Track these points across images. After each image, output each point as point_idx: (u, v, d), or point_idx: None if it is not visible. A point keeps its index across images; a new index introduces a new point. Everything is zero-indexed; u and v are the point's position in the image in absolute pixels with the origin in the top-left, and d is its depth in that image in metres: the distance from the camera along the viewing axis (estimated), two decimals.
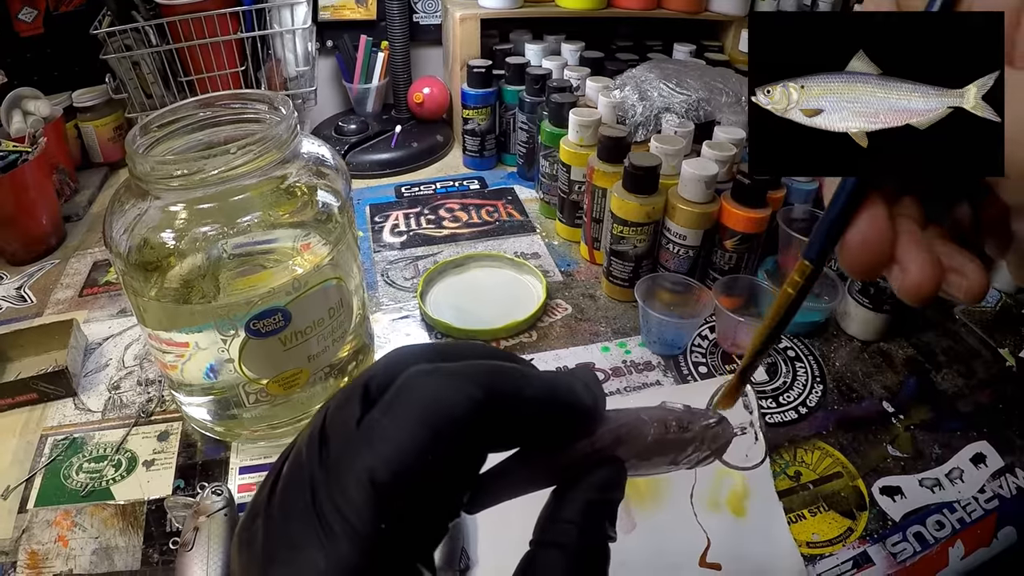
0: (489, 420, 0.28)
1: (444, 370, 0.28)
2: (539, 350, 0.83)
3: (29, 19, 1.19)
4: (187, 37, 1.09)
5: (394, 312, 0.90)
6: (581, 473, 0.33)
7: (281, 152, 0.58)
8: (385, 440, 0.26)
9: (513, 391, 0.29)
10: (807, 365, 0.83)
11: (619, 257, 0.87)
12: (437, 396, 0.27)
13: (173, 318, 0.61)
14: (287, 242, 0.63)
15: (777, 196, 0.86)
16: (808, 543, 0.63)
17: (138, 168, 0.55)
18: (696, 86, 0.99)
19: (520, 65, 1.16)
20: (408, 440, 0.26)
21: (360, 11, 1.34)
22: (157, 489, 0.67)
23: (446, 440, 0.26)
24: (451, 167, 1.30)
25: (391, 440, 0.26)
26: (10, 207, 0.97)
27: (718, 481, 0.68)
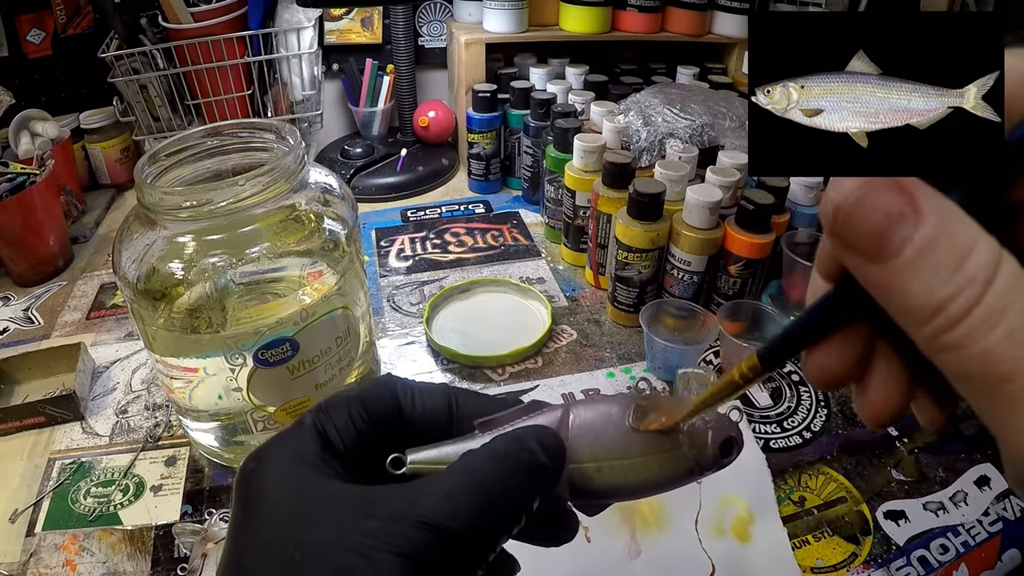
0: None
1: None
2: (544, 376, 0.84)
3: (37, 41, 1.20)
4: (194, 61, 1.10)
5: (400, 338, 0.90)
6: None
7: (289, 183, 0.59)
8: None
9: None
10: (811, 390, 0.83)
11: (624, 283, 0.88)
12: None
13: (181, 345, 0.61)
14: (295, 271, 0.63)
15: (781, 221, 0.87)
16: (813, 568, 0.63)
17: (147, 198, 0.56)
18: (700, 111, 0.99)
19: (525, 89, 1.17)
20: None
21: (366, 35, 1.35)
22: (165, 514, 0.67)
23: None
24: (456, 191, 1.30)
25: None
26: (18, 228, 0.97)
27: (723, 507, 0.68)
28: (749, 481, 0.70)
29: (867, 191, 0.22)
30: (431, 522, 0.29)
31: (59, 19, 1.21)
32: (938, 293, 0.21)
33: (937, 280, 0.21)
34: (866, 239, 0.22)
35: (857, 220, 0.22)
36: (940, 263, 0.21)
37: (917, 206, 0.21)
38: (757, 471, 0.71)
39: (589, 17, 1.22)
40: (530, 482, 0.33)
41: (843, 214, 0.22)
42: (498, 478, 0.32)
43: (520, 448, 0.33)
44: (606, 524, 0.66)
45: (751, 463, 0.72)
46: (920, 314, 0.21)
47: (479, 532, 0.30)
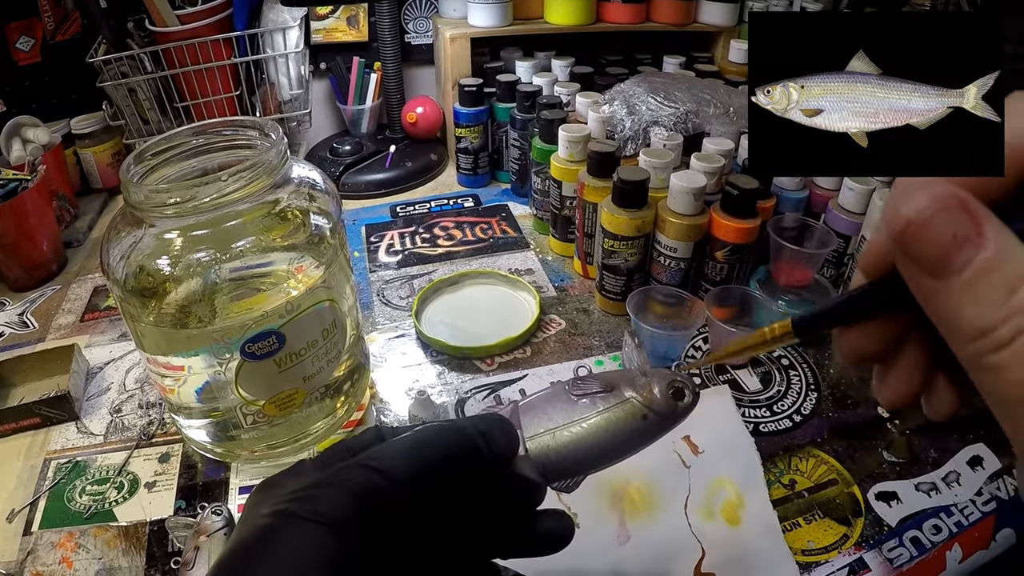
0: None
1: None
2: (533, 365, 0.84)
3: (27, 48, 1.21)
4: (182, 63, 1.10)
5: (390, 331, 0.91)
6: None
7: (272, 177, 0.59)
8: None
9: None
10: (801, 373, 0.83)
11: (611, 271, 0.88)
12: None
13: (170, 343, 0.62)
14: (282, 265, 0.64)
15: (767, 206, 0.87)
16: (803, 551, 0.64)
17: (132, 197, 0.56)
18: (684, 98, 1.00)
19: (511, 82, 1.18)
20: None
21: (352, 33, 1.36)
22: (159, 510, 0.68)
23: None
24: (446, 186, 1.31)
25: None
26: (11, 234, 0.98)
27: (713, 491, 0.68)
28: (739, 465, 0.71)
29: (938, 210, 0.22)
30: (362, 462, 0.33)
31: (48, 26, 1.22)
32: (988, 316, 0.22)
33: (989, 303, 0.22)
34: (931, 256, 0.23)
35: (926, 237, 0.23)
36: (995, 288, 0.22)
37: (981, 231, 0.22)
38: (747, 454, 0.72)
39: (574, 9, 1.22)
40: (454, 439, 0.36)
41: (913, 228, 0.23)
42: (426, 435, 0.36)
43: (452, 423, 0.38)
44: (594, 510, 0.66)
45: (740, 446, 0.72)
46: (967, 333, 0.22)
47: (411, 475, 0.34)
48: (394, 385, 0.82)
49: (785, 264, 0.86)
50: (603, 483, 0.68)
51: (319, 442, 0.72)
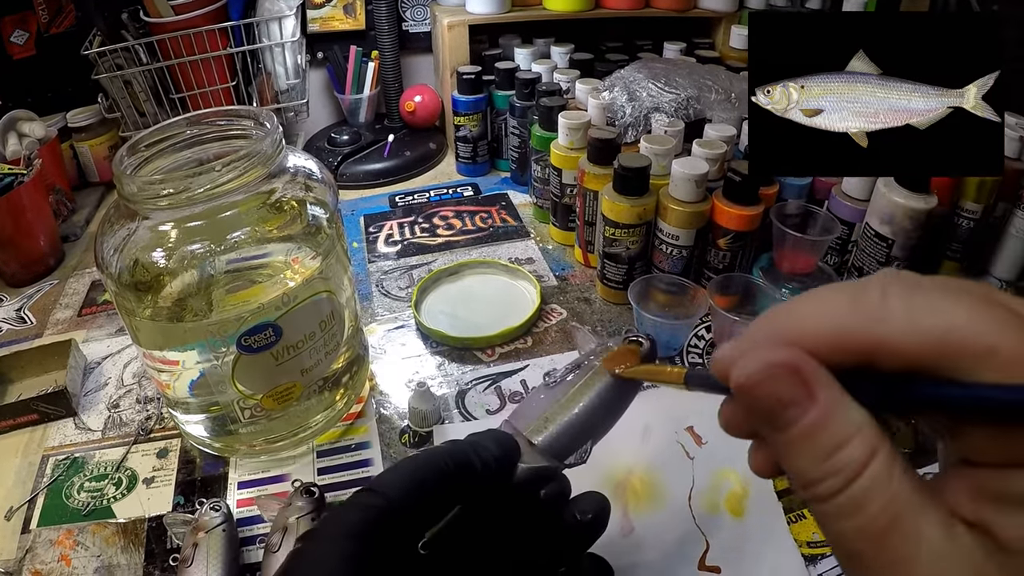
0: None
1: None
2: (535, 355, 0.84)
3: (21, 41, 1.20)
4: (177, 54, 1.09)
5: (389, 323, 0.90)
6: None
7: (267, 167, 0.58)
8: None
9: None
10: None
11: (612, 260, 0.88)
12: None
13: (166, 337, 0.61)
14: (278, 256, 0.63)
15: (770, 192, 0.86)
16: (809, 543, 0.63)
17: (126, 189, 0.56)
18: (685, 84, 0.99)
19: (509, 70, 1.17)
20: None
21: (349, 21, 1.35)
22: (157, 506, 0.67)
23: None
24: (445, 174, 1.30)
25: None
26: (8, 229, 0.97)
27: (717, 482, 0.68)
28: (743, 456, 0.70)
29: (766, 377, 0.24)
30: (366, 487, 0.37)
31: (42, 19, 1.21)
32: (811, 472, 0.24)
33: (811, 460, 0.24)
34: (762, 412, 0.25)
35: (755, 397, 0.25)
36: (819, 447, 0.24)
37: (812, 393, 0.24)
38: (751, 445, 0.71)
39: None
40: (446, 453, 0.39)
41: (743, 390, 0.25)
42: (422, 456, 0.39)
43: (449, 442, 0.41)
44: None
45: None
46: (798, 480, 0.25)
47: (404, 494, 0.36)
48: (394, 377, 0.81)
49: (788, 251, 0.85)
50: (606, 474, 0.68)
51: (318, 435, 0.71)
